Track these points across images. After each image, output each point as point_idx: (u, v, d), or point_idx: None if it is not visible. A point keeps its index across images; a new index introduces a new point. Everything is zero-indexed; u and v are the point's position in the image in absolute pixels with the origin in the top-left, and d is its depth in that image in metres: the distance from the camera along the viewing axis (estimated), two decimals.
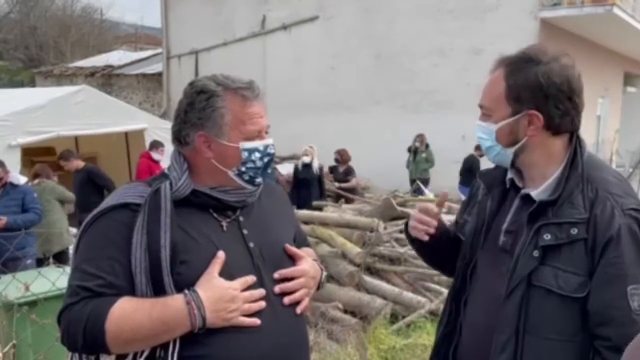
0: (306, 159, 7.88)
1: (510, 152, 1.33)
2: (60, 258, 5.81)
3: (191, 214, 1.29)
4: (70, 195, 6.06)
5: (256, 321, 1.25)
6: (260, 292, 1.27)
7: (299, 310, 1.35)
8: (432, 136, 10.06)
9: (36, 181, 5.92)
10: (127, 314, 1.18)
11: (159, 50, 15.63)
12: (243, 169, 1.31)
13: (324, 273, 1.49)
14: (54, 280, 3.00)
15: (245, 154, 1.30)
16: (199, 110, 1.29)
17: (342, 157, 8.66)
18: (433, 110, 10.51)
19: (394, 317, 4.45)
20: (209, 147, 1.30)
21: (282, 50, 12.38)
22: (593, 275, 1.22)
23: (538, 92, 1.27)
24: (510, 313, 1.27)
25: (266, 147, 1.33)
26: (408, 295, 4.59)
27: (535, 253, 1.25)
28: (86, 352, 1.24)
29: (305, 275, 1.37)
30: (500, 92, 1.31)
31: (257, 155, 1.31)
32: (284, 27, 12.38)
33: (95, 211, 1.29)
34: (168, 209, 1.25)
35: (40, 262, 5.57)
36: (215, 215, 1.32)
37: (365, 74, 11.30)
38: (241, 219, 1.34)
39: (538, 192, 1.32)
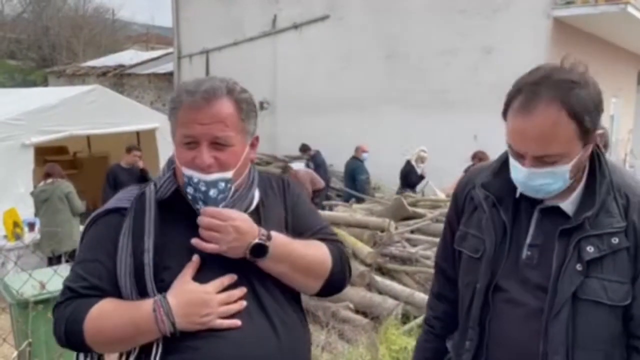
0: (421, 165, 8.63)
1: (572, 181, 1.27)
2: (73, 256, 5.87)
3: (178, 218, 1.28)
4: (79, 207, 6.07)
5: (236, 322, 1.22)
6: (242, 290, 1.25)
7: (194, 240, 1.23)
8: (443, 136, 10.03)
9: (49, 180, 5.98)
10: (104, 315, 1.21)
11: (170, 49, 15.71)
12: (188, 190, 1.27)
13: (262, 241, 1.25)
14: None
15: (185, 178, 1.26)
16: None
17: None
18: (444, 110, 10.46)
19: (406, 318, 4.43)
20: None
21: (293, 50, 12.38)
22: (636, 280, 1.23)
23: (596, 116, 1.22)
24: (560, 331, 1.23)
25: (198, 181, 1.24)
26: (420, 295, 4.57)
27: (579, 267, 1.23)
28: (71, 349, 1.29)
29: (225, 219, 1.24)
30: (571, 133, 1.19)
31: (193, 183, 1.25)
32: (295, 27, 12.38)
33: (93, 214, 1.34)
34: (152, 212, 1.27)
35: (50, 262, 5.64)
36: None
37: (376, 73, 11.27)
38: None
39: (566, 205, 1.29)
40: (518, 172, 1.26)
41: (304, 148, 10.28)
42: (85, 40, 23.33)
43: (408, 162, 8.73)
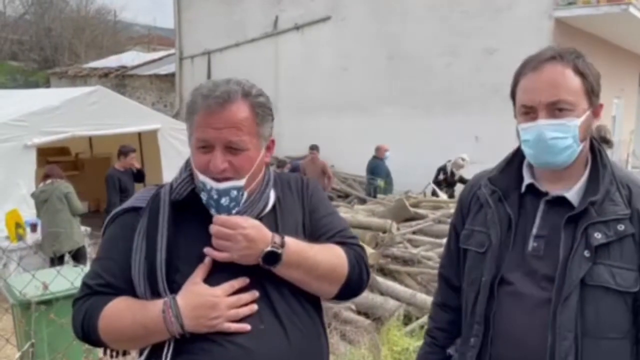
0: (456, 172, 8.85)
1: (580, 149, 1.30)
2: (76, 257, 5.89)
3: (192, 219, 1.28)
4: (78, 207, 6.08)
5: (245, 327, 1.21)
6: (253, 294, 1.24)
7: (206, 249, 1.23)
8: (445, 137, 10.02)
9: (49, 181, 5.99)
10: (117, 313, 1.24)
11: (172, 51, 15.73)
12: (202, 195, 1.27)
13: (274, 249, 1.24)
14: (72, 279, 3.02)
15: (200, 184, 1.27)
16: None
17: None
18: (446, 111, 10.46)
19: (408, 319, 4.43)
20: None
21: (295, 51, 12.40)
22: None
23: (597, 81, 1.30)
24: (569, 318, 1.24)
25: (210, 189, 1.24)
26: (421, 296, 4.57)
27: (587, 253, 1.24)
28: (88, 343, 1.32)
29: (235, 228, 1.22)
30: (578, 86, 1.27)
31: (206, 190, 1.25)
32: (297, 28, 12.39)
33: (113, 212, 1.36)
34: (166, 213, 1.28)
35: (52, 262, 5.64)
36: None
37: (378, 74, 11.28)
38: None
39: (572, 194, 1.31)
40: (529, 132, 1.29)
41: (281, 164, 10.37)
42: (87, 42, 23.39)
43: (445, 163, 9.00)
